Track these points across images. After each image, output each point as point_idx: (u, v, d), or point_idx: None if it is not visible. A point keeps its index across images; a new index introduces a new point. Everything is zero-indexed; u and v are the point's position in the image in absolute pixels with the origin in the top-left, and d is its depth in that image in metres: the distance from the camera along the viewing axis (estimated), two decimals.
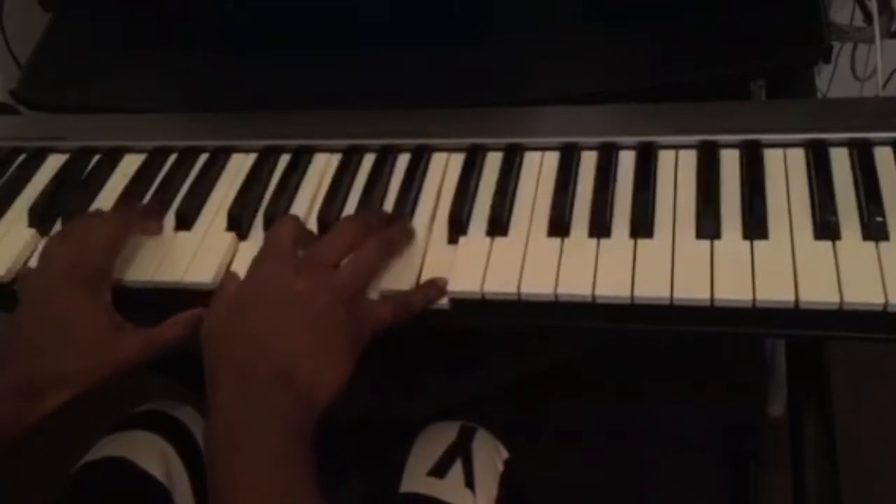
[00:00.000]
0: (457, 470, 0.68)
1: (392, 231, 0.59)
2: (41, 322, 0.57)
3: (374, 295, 0.56)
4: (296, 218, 0.59)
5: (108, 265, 0.59)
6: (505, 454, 0.72)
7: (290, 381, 0.49)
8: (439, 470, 0.68)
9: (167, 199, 0.67)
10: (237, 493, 0.46)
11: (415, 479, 0.67)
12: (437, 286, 0.56)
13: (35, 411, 0.55)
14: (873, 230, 0.53)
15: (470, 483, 0.67)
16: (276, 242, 0.56)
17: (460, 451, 0.70)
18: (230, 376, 0.50)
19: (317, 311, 0.52)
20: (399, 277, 0.57)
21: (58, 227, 0.67)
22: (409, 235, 0.59)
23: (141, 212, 0.65)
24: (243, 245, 0.63)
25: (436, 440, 0.71)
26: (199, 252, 0.62)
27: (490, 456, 0.71)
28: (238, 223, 0.64)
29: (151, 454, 0.71)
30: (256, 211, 0.65)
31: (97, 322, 0.57)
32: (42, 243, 0.64)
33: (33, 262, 0.64)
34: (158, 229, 0.64)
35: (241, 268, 0.59)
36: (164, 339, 0.58)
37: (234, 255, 0.62)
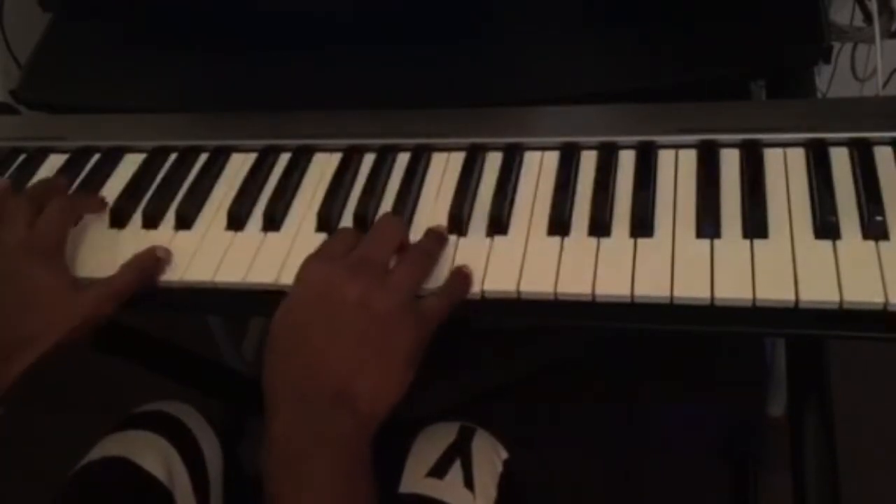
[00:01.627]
0: (456, 470, 0.68)
1: (431, 235, 0.58)
2: (3, 293, 0.58)
3: None
4: (351, 229, 0.59)
5: (61, 239, 0.61)
6: (504, 454, 0.72)
7: (350, 401, 0.49)
8: (438, 470, 0.68)
9: (167, 199, 0.67)
10: None
11: (414, 480, 0.67)
12: (464, 273, 0.56)
13: (4, 377, 0.55)
14: (873, 230, 0.53)
15: (469, 483, 0.67)
16: (330, 246, 0.56)
17: (459, 451, 0.70)
18: (289, 397, 0.49)
19: (374, 318, 0.51)
20: None
21: None
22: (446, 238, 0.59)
23: (86, 196, 0.67)
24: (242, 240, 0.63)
25: (435, 441, 0.71)
26: (199, 251, 0.62)
27: (489, 456, 0.71)
28: (238, 222, 0.64)
29: (152, 454, 0.71)
30: (256, 210, 0.65)
31: (55, 283, 0.58)
32: None
33: None
34: (101, 206, 0.66)
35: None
36: (118, 287, 0.59)
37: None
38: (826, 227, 0.54)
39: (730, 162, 0.60)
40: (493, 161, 0.64)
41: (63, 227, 0.62)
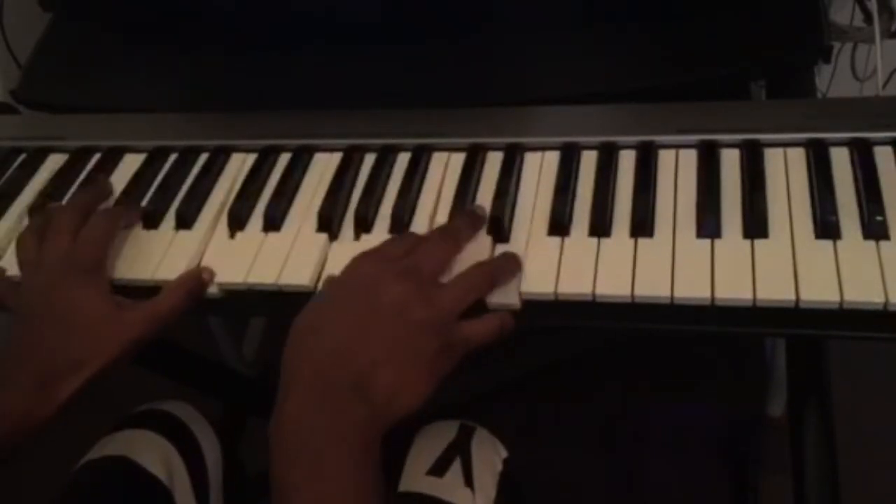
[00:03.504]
0: (456, 469, 0.68)
1: (503, 261, 0.56)
2: (46, 316, 0.57)
3: None
4: (413, 235, 0.58)
5: (101, 256, 0.60)
6: (504, 453, 0.72)
7: (367, 393, 0.48)
8: (438, 469, 0.68)
9: (167, 199, 0.67)
10: (301, 499, 0.46)
11: (414, 478, 0.67)
12: (508, 317, 0.55)
13: (52, 400, 0.55)
14: (873, 229, 0.53)
15: (469, 482, 0.67)
16: (386, 245, 0.56)
17: (459, 450, 0.70)
18: (307, 376, 0.49)
19: (408, 324, 0.50)
20: None
21: None
22: (516, 266, 0.56)
23: (128, 209, 0.65)
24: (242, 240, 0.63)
25: (435, 439, 0.71)
26: (200, 251, 0.62)
27: (489, 455, 0.71)
28: (238, 222, 0.64)
29: (152, 453, 0.71)
30: (256, 210, 0.65)
31: (99, 305, 0.57)
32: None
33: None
34: (138, 218, 0.65)
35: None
36: (166, 308, 0.58)
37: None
38: (826, 227, 0.54)
39: (730, 162, 0.60)
40: (494, 161, 0.64)
41: (105, 242, 0.61)
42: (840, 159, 0.59)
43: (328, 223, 0.62)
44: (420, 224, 0.61)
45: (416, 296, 0.51)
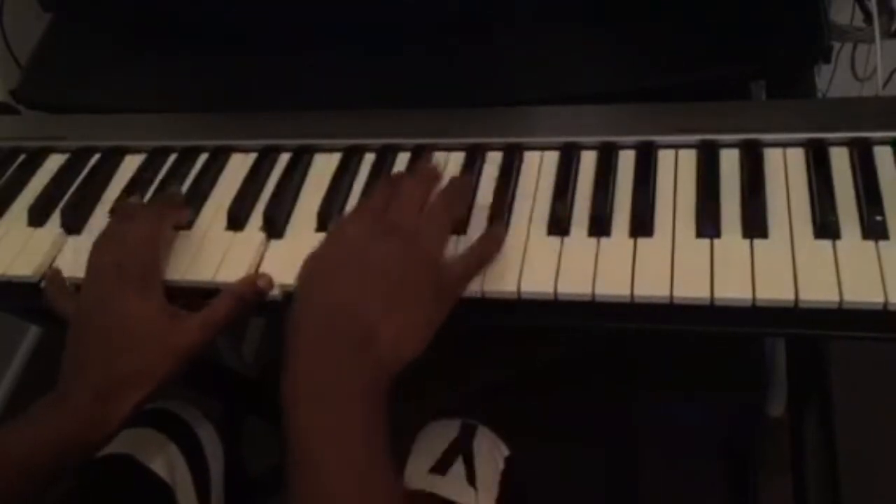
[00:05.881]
0: (458, 467, 0.68)
1: (454, 186, 0.59)
2: (102, 328, 0.56)
3: None
4: (384, 188, 0.60)
5: (152, 260, 0.59)
6: (505, 452, 0.73)
7: (372, 344, 0.50)
8: (441, 467, 0.68)
9: None
10: (312, 446, 0.47)
11: (417, 476, 0.68)
12: (495, 239, 0.57)
13: (113, 415, 0.55)
14: (873, 229, 0.53)
15: (472, 480, 0.67)
16: (365, 209, 0.58)
17: (461, 448, 0.70)
18: (315, 334, 0.51)
19: (401, 279, 0.52)
20: None
21: (56, 225, 0.67)
22: (466, 186, 0.61)
23: (171, 203, 0.64)
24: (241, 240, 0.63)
25: (437, 438, 0.71)
26: (200, 251, 0.62)
27: (491, 453, 0.71)
28: (238, 222, 0.64)
29: (154, 452, 0.71)
30: (256, 211, 0.65)
31: (154, 315, 0.57)
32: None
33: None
34: (187, 216, 0.64)
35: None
36: (219, 316, 0.58)
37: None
38: (826, 227, 0.54)
39: (730, 162, 0.60)
40: (493, 161, 0.64)
41: (153, 243, 0.59)
42: (840, 159, 0.59)
43: (328, 223, 0.62)
44: None
45: (402, 251, 0.53)
